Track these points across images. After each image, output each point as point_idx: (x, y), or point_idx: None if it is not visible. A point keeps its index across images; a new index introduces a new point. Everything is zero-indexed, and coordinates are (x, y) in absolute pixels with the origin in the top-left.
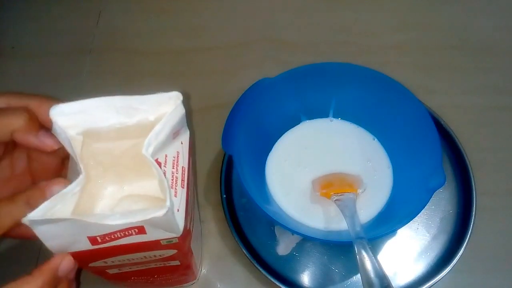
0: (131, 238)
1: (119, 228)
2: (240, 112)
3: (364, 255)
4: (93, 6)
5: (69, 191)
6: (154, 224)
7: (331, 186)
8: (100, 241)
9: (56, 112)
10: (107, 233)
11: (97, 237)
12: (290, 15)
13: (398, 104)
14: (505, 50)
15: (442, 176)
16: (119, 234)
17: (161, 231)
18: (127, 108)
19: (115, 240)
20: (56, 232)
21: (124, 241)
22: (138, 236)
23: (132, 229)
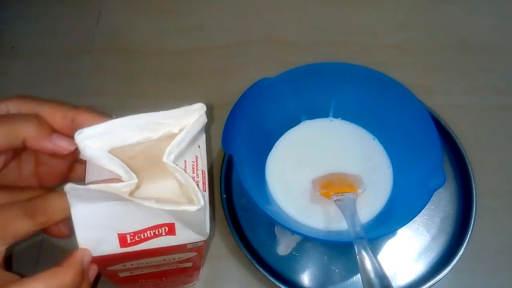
0: (160, 240)
1: (151, 222)
2: (240, 112)
3: (364, 255)
4: (93, 6)
5: (119, 186)
6: (185, 222)
7: (331, 186)
8: (129, 242)
9: (81, 137)
10: (138, 230)
11: (127, 236)
12: (290, 15)
13: (398, 104)
14: (505, 50)
15: (442, 176)
16: (150, 233)
17: (189, 233)
18: (151, 124)
19: (145, 241)
20: (92, 218)
21: (152, 243)
22: (167, 238)
23: (163, 226)
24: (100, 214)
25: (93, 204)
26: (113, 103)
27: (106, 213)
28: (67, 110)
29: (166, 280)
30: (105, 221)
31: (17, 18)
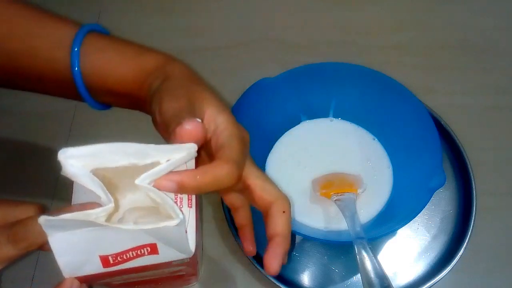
0: (143, 259)
1: (132, 244)
2: (240, 112)
3: (364, 255)
4: (92, 6)
5: (94, 213)
6: (167, 241)
7: (331, 186)
8: (112, 262)
9: (65, 156)
10: (119, 252)
11: (109, 257)
12: (290, 15)
13: (398, 104)
14: (505, 50)
15: (442, 176)
16: (132, 253)
17: (173, 251)
18: (139, 154)
19: (127, 261)
20: (71, 244)
21: (135, 262)
22: (150, 257)
23: (144, 247)
24: (79, 240)
25: (71, 232)
26: None
27: (85, 238)
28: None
29: (163, 284)
30: (84, 246)
31: None
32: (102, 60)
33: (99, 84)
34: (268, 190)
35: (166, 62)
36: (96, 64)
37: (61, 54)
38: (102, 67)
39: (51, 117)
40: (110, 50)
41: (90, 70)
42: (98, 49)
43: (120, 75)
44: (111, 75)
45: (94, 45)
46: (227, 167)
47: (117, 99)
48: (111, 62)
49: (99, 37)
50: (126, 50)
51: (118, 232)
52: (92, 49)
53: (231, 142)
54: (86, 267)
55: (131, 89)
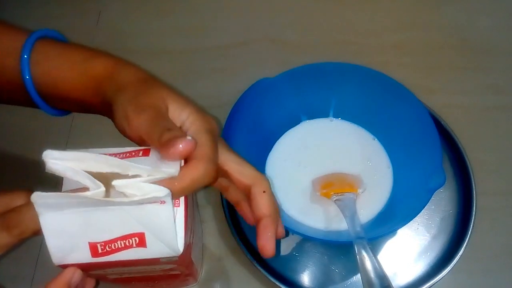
0: (131, 252)
1: (121, 231)
2: (240, 112)
3: (364, 255)
4: (93, 6)
5: (85, 195)
6: (155, 230)
7: (331, 186)
8: (100, 251)
9: (49, 158)
10: (108, 240)
11: (98, 245)
12: (290, 15)
13: (398, 104)
14: (505, 50)
15: (442, 176)
16: (120, 243)
17: (160, 246)
18: (122, 167)
19: (116, 252)
20: (61, 226)
21: (124, 255)
22: (138, 250)
23: (133, 236)
24: (70, 222)
25: (62, 212)
26: None
27: (76, 220)
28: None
29: (159, 283)
30: (75, 229)
31: (17, 18)
32: (51, 67)
33: (51, 91)
34: (245, 173)
35: (115, 67)
36: (46, 71)
37: (11, 62)
38: (52, 74)
39: (51, 117)
40: (58, 57)
41: (41, 77)
42: (48, 56)
43: (69, 82)
44: (61, 82)
45: (44, 52)
46: (202, 167)
47: (72, 106)
48: (60, 69)
49: (49, 44)
50: (74, 56)
51: (109, 214)
52: (41, 57)
53: (200, 137)
54: (75, 254)
55: (84, 96)
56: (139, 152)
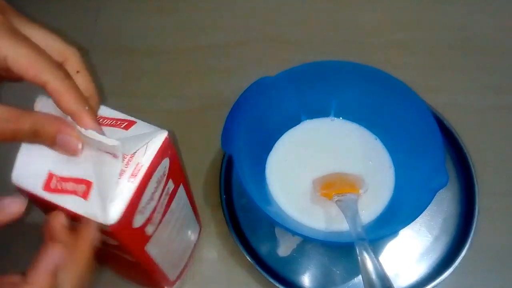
0: (74, 200)
1: (78, 171)
2: (240, 111)
3: (365, 257)
4: (92, 4)
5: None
6: (102, 183)
7: (332, 187)
8: (52, 187)
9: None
10: (64, 177)
11: (54, 178)
12: (290, 14)
13: (400, 103)
14: (507, 50)
15: (444, 177)
16: (70, 185)
17: (97, 205)
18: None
19: (62, 193)
20: (34, 153)
21: (67, 200)
22: (79, 202)
23: (82, 182)
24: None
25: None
26: (112, 102)
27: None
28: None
29: (132, 273)
30: (47, 153)
31: None
32: None
33: None
34: (37, 59)
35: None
36: None
37: None
38: None
39: None
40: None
41: None
42: None
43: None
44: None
45: None
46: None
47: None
48: None
49: None
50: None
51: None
52: None
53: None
54: (32, 180)
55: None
56: (122, 124)
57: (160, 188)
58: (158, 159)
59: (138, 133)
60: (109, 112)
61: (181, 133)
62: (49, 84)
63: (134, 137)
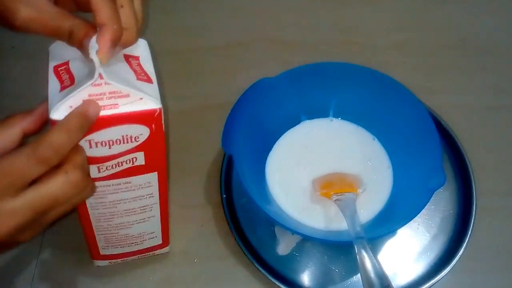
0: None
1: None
2: (240, 112)
3: (364, 255)
4: None
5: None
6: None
7: (331, 186)
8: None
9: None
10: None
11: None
12: (290, 15)
13: (398, 104)
14: (505, 50)
15: (442, 176)
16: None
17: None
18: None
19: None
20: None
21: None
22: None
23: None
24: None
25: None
26: None
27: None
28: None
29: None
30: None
31: None
32: None
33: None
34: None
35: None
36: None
37: None
38: None
39: None
40: None
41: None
42: None
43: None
44: None
45: None
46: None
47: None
48: None
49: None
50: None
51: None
52: None
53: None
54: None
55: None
56: (141, 74)
57: (124, 147)
58: (137, 118)
59: (140, 88)
60: (147, 58)
61: (181, 133)
62: (93, 0)
63: (126, 82)
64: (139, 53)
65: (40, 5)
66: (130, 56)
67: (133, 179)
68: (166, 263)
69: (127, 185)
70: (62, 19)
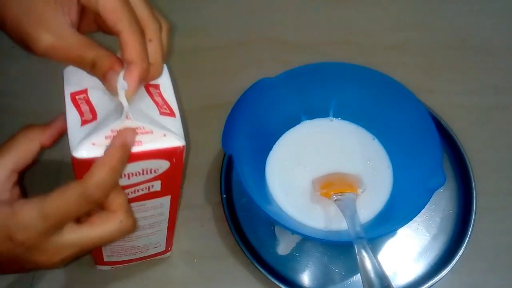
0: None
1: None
2: (240, 112)
3: (364, 255)
4: None
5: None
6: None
7: (331, 186)
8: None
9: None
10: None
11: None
12: (290, 15)
13: (398, 104)
14: (505, 50)
15: (442, 176)
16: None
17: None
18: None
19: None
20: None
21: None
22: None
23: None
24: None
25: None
26: None
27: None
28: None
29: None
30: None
31: None
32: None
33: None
34: (121, 9)
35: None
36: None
37: None
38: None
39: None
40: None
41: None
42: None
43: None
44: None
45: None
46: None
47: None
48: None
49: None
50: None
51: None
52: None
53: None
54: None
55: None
56: (163, 108)
57: (142, 178)
58: (159, 155)
59: (163, 124)
60: (168, 86)
61: None
62: (122, 34)
63: (150, 119)
64: (160, 80)
65: (62, 32)
66: (151, 85)
67: (147, 202)
68: (166, 263)
69: (140, 207)
70: (85, 49)
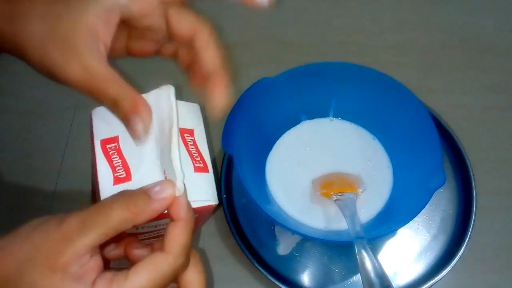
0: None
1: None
2: (240, 112)
3: (364, 255)
4: None
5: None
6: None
7: (331, 186)
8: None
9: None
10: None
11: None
12: (290, 15)
13: (398, 104)
14: (505, 50)
15: (442, 176)
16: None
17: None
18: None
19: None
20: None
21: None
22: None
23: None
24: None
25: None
26: None
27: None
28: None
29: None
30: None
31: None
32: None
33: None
34: (182, 21)
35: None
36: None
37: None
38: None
39: (51, 117)
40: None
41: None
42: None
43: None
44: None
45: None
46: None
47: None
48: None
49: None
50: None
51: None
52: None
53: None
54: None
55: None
56: (197, 162)
57: (166, 221)
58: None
59: (198, 185)
60: (201, 139)
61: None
62: (199, 34)
63: (186, 179)
64: (193, 124)
65: (91, 62)
66: (185, 130)
67: (159, 222)
68: None
69: (152, 228)
70: (109, 84)
